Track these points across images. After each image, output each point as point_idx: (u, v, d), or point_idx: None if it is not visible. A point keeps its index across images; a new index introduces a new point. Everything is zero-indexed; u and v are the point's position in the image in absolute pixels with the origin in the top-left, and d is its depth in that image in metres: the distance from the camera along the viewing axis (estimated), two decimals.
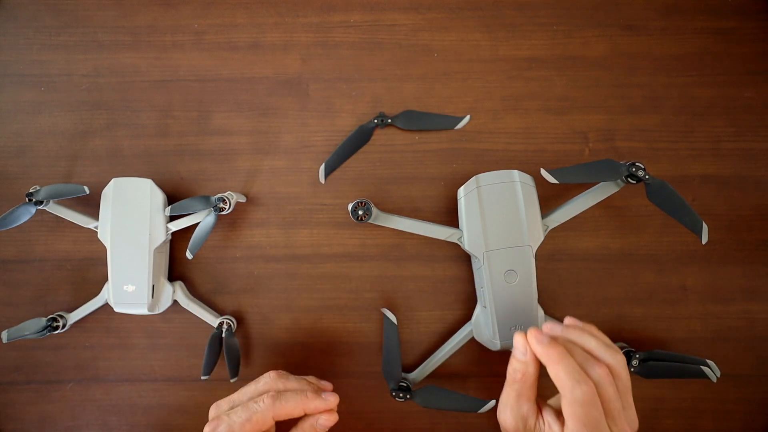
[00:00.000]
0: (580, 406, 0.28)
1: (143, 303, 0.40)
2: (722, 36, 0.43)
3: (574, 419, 0.28)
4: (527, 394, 0.32)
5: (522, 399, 0.32)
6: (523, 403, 0.32)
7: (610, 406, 0.29)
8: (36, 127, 0.44)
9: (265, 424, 0.32)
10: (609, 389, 0.29)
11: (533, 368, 0.31)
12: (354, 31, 0.44)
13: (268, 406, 0.32)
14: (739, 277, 0.43)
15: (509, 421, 0.32)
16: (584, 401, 0.28)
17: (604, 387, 0.29)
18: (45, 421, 0.44)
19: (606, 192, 0.39)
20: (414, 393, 0.39)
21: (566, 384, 0.29)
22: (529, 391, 0.32)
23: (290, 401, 0.33)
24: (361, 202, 0.39)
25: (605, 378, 0.29)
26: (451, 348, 0.41)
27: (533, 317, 0.38)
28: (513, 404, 0.32)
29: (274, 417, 0.32)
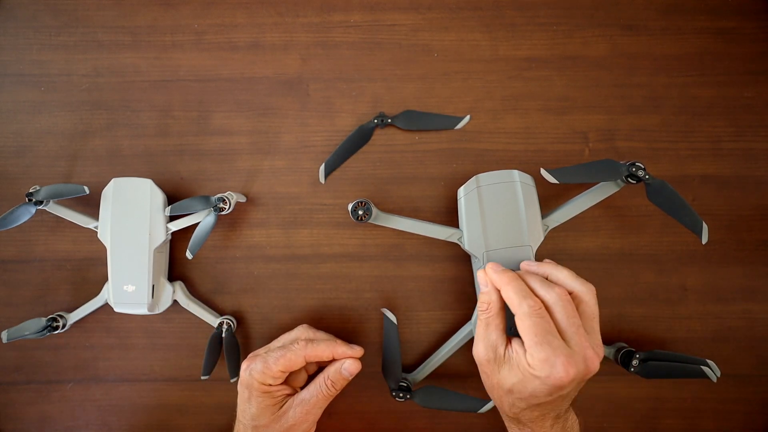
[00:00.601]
0: (528, 317, 0.31)
1: (143, 303, 0.40)
2: (722, 36, 0.43)
3: (525, 332, 0.31)
4: (494, 323, 0.34)
5: (490, 328, 0.34)
6: (492, 331, 0.34)
7: (562, 324, 0.31)
8: (36, 127, 0.44)
9: (297, 363, 0.35)
10: (562, 309, 0.32)
11: (496, 297, 0.34)
12: (354, 31, 0.44)
13: (302, 347, 0.35)
14: (739, 277, 0.43)
15: (481, 352, 0.34)
16: (531, 313, 0.31)
17: (556, 306, 0.32)
18: (45, 421, 0.44)
19: (606, 192, 0.39)
20: (414, 393, 0.39)
21: (514, 301, 0.32)
22: (496, 319, 0.34)
23: (321, 345, 0.36)
24: (361, 202, 0.39)
25: (558, 298, 0.32)
26: (451, 348, 0.41)
27: None
28: (483, 334, 0.34)
29: (306, 357, 0.35)
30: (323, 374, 0.36)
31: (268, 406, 0.35)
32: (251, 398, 0.35)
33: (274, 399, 0.35)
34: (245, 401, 0.36)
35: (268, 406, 0.35)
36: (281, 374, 0.35)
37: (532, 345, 0.31)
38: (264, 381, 0.35)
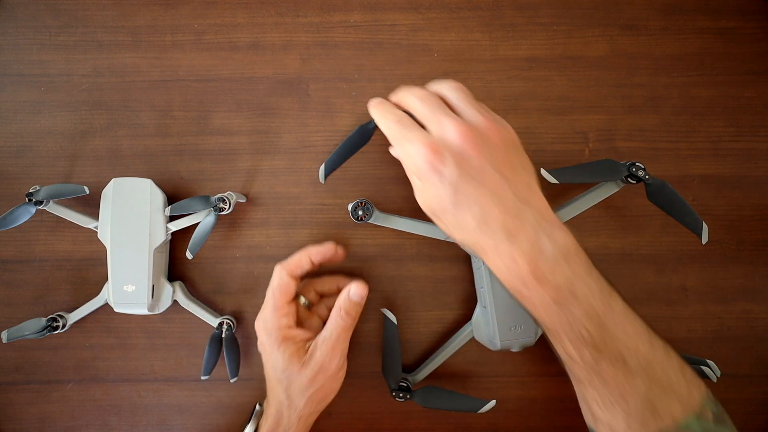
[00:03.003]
0: (386, 128, 0.33)
1: (143, 303, 0.40)
2: (722, 36, 0.43)
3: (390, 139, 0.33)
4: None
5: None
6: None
7: (421, 117, 0.32)
8: (36, 127, 0.44)
9: (287, 284, 0.36)
10: (418, 103, 0.32)
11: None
12: (354, 31, 0.44)
13: (279, 269, 0.36)
14: (739, 277, 0.43)
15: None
16: (388, 125, 0.33)
17: (413, 103, 0.32)
18: (45, 421, 0.44)
19: (606, 192, 0.39)
20: (414, 393, 0.39)
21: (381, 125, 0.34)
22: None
23: (294, 256, 0.37)
24: (361, 202, 0.39)
25: (413, 95, 0.32)
26: (452, 348, 0.41)
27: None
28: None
29: (288, 272, 0.36)
30: (335, 307, 0.37)
31: (293, 353, 0.35)
32: (274, 351, 0.35)
33: (297, 345, 0.35)
34: (271, 356, 0.35)
35: (294, 353, 0.35)
36: (287, 305, 0.36)
37: (394, 151, 0.32)
38: (279, 324, 0.35)
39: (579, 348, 0.29)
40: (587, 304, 0.29)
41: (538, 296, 0.29)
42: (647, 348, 0.30)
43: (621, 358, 0.29)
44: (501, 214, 0.29)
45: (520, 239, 0.28)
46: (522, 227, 0.29)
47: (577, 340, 0.29)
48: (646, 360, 0.29)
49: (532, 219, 0.29)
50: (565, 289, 0.28)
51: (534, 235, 0.29)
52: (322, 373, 0.35)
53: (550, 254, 0.28)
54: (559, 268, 0.29)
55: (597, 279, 0.30)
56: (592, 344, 0.29)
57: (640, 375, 0.29)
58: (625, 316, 0.30)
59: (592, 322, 0.29)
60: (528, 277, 0.28)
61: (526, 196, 0.30)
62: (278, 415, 0.36)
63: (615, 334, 0.29)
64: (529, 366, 0.43)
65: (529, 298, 0.30)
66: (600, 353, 0.29)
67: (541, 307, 0.29)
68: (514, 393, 0.43)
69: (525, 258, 0.28)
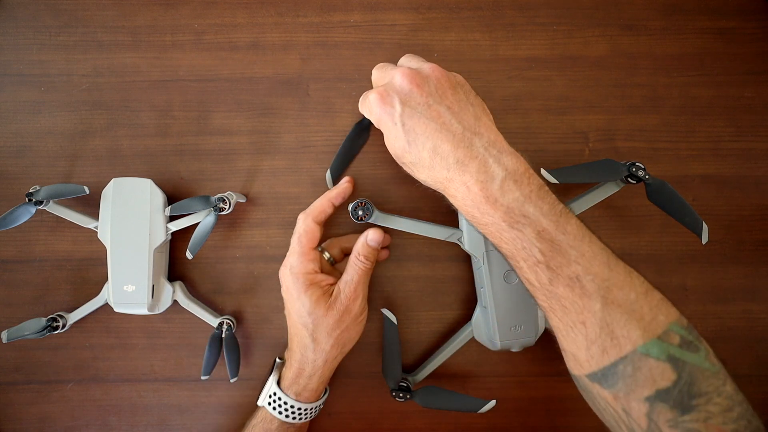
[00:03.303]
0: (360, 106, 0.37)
1: (143, 303, 0.40)
2: (722, 36, 0.43)
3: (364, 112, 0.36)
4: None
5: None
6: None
7: (376, 80, 0.37)
8: (36, 127, 0.44)
9: (312, 230, 0.38)
10: (374, 72, 0.37)
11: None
12: (354, 31, 0.44)
13: (303, 217, 0.38)
14: (739, 277, 0.43)
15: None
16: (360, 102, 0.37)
17: (372, 76, 0.37)
18: (45, 421, 0.44)
19: (606, 192, 0.39)
20: (414, 393, 0.39)
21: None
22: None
23: (315, 203, 0.39)
24: (361, 202, 0.39)
25: (373, 72, 0.37)
26: (452, 348, 0.41)
27: (533, 317, 0.38)
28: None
29: (314, 219, 0.38)
30: (353, 252, 0.38)
31: (320, 297, 0.37)
32: (301, 295, 0.36)
33: (322, 289, 0.37)
34: (297, 301, 0.37)
35: (320, 296, 0.37)
36: (312, 251, 0.38)
37: (364, 111, 0.36)
38: (306, 269, 0.37)
39: (534, 270, 0.30)
40: (538, 225, 0.29)
41: (492, 220, 0.30)
42: (604, 269, 0.29)
43: (576, 278, 0.28)
44: (450, 145, 0.30)
45: (470, 167, 0.30)
46: (471, 155, 0.30)
47: (531, 262, 0.29)
48: (603, 281, 0.28)
49: (481, 147, 0.31)
50: (516, 211, 0.29)
51: (483, 161, 0.30)
52: (347, 314, 0.37)
53: (500, 178, 0.30)
54: (509, 191, 0.30)
55: (549, 201, 0.30)
56: (546, 265, 0.29)
57: (596, 297, 0.28)
58: (581, 237, 0.29)
59: (544, 242, 0.29)
60: (481, 201, 0.30)
61: (473, 126, 0.31)
62: (303, 360, 0.38)
63: (569, 255, 0.29)
64: (529, 366, 0.43)
65: (485, 224, 0.31)
66: (555, 274, 0.29)
67: (497, 232, 0.30)
68: (514, 393, 0.43)
69: (477, 184, 0.30)
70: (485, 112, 0.33)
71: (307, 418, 0.39)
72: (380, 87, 0.33)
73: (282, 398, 0.38)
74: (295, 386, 0.38)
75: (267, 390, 0.39)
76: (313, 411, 0.39)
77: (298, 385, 0.38)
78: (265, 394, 0.39)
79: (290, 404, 0.37)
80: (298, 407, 0.38)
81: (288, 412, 0.38)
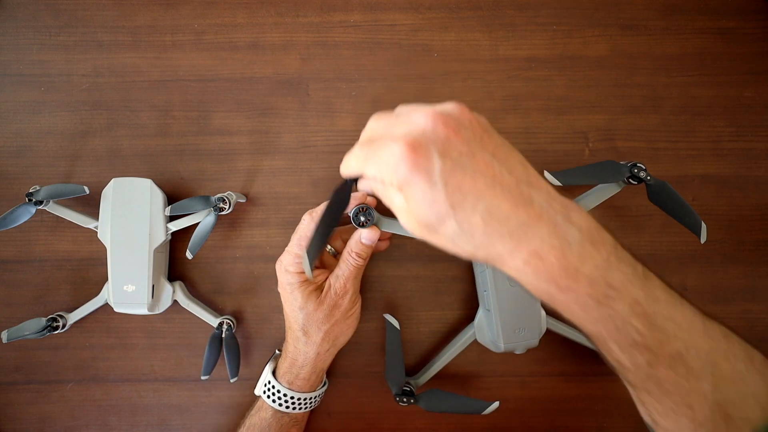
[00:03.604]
0: (344, 163, 0.28)
1: (143, 303, 0.40)
2: (722, 36, 0.43)
3: (352, 167, 0.27)
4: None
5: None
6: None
7: (381, 129, 0.27)
8: (36, 127, 0.44)
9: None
10: (370, 124, 0.27)
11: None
12: (354, 31, 0.44)
13: (309, 221, 0.37)
14: (739, 277, 0.43)
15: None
16: (344, 160, 0.28)
17: (366, 131, 0.28)
18: (45, 421, 0.44)
19: (607, 193, 0.38)
20: (418, 397, 0.39)
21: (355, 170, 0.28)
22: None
23: (322, 206, 0.37)
24: (363, 208, 0.38)
25: (365, 130, 0.28)
26: (454, 351, 0.40)
27: (537, 319, 0.38)
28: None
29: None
30: (347, 248, 0.37)
31: (311, 292, 0.37)
32: (294, 291, 0.37)
33: (315, 284, 0.37)
34: (290, 295, 0.37)
35: (312, 291, 0.37)
36: None
37: (366, 183, 0.27)
38: (299, 269, 0.37)
39: (631, 353, 0.25)
40: (628, 296, 0.24)
41: (575, 296, 0.24)
42: (704, 339, 0.25)
43: (680, 358, 0.24)
44: (509, 203, 0.24)
45: (538, 230, 0.24)
46: (536, 214, 0.24)
47: (627, 344, 0.25)
48: (708, 355, 0.24)
49: (543, 202, 0.24)
50: (601, 282, 0.24)
51: (551, 221, 0.24)
52: (336, 309, 0.37)
53: (577, 241, 0.24)
54: (589, 256, 0.24)
55: (630, 262, 0.25)
56: (644, 346, 0.24)
57: (704, 377, 0.24)
58: (671, 302, 0.25)
59: (639, 319, 0.24)
60: (559, 274, 0.24)
61: (525, 176, 0.25)
62: (295, 352, 0.38)
63: (667, 330, 0.24)
64: (530, 366, 0.43)
65: (564, 302, 0.25)
66: (655, 356, 0.24)
67: (581, 310, 0.25)
68: (514, 393, 0.43)
69: (552, 252, 0.23)
70: (524, 158, 0.27)
71: (301, 409, 0.39)
72: (405, 137, 0.24)
73: (276, 386, 0.38)
74: (288, 375, 0.38)
75: (263, 379, 0.40)
76: (308, 402, 0.39)
77: (291, 374, 0.38)
78: (261, 382, 0.40)
79: (283, 392, 0.38)
80: (291, 395, 0.38)
81: (281, 401, 0.38)
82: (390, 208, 0.27)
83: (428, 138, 0.24)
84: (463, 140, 0.24)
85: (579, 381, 0.43)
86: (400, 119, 0.26)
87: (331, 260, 0.40)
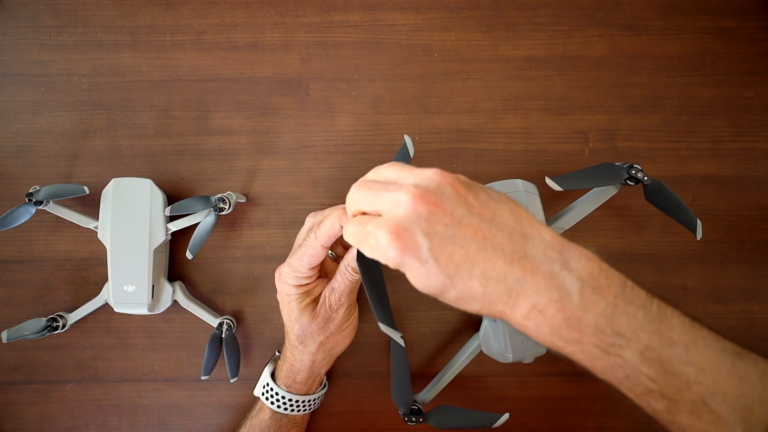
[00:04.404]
0: (350, 236, 0.28)
1: (143, 303, 0.40)
2: (722, 36, 0.43)
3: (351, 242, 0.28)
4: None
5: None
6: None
7: (366, 207, 0.27)
8: (36, 127, 0.44)
9: (319, 255, 0.34)
10: (353, 197, 0.27)
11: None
12: (354, 31, 0.44)
13: (314, 239, 0.34)
14: (739, 277, 0.43)
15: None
16: (346, 231, 0.28)
17: (349, 202, 0.28)
18: (45, 421, 0.44)
19: (605, 195, 0.38)
20: (427, 415, 0.38)
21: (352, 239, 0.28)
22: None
23: (325, 223, 0.33)
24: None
25: (348, 196, 0.28)
26: (460, 365, 0.40)
27: None
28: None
29: (322, 245, 0.34)
30: (343, 262, 0.36)
31: (307, 305, 0.36)
32: (291, 303, 0.36)
33: (313, 296, 0.37)
34: (286, 306, 0.37)
35: (308, 305, 0.36)
36: (311, 271, 0.36)
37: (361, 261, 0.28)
38: (299, 283, 0.36)
39: (645, 401, 0.24)
40: (638, 343, 0.23)
41: (579, 348, 0.24)
42: (734, 381, 0.23)
43: (703, 404, 0.23)
44: (503, 261, 0.24)
45: (536, 283, 0.24)
46: (532, 268, 0.24)
47: (640, 393, 0.24)
48: (738, 399, 0.23)
49: (539, 253, 0.24)
50: (607, 330, 0.23)
51: (548, 273, 0.24)
52: (331, 322, 0.37)
53: (576, 290, 0.23)
54: (592, 304, 0.23)
55: (641, 303, 0.24)
56: (660, 394, 0.23)
57: (734, 423, 0.23)
58: (692, 343, 0.24)
59: (652, 366, 0.23)
60: (561, 326, 0.24)
61: (517, 227, 0.25)
62: (292, 358, 0.38)
63: (686, 375, 0.23)
64: (529, 366, 0.43)
65: (572, 352, 0.25)
66: (674, 403, 0.23)
67: (587, 360, 0.24)
68: (514, 393, 0.43)
69: (551, 305, 0.23)
70: (516, 203, 0.26)
71: (300, 411, 0.39)
72: (390, 224, 0.24)
73: (274, 388, 0.38)
74: (287, 378, 0.38)
75: (261, 380, 0.40)
76: (306, 404, 0.39)
77: (289, 378, 0.38)
78: (260, 384, 0.40)
79: (281, 394, 0.38)
80: (289, 398, 0.38)
81: (279, 403, 0.38)
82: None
83: (410, 220, 0.24)
84: (447, 212, 0.24)
85: (579, 381, 0.43)
86: (381, 199, 0.26)
87: (332, 266, 0.40)
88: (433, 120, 0.44)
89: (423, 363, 0.43)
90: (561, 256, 0.24)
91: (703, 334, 0.24)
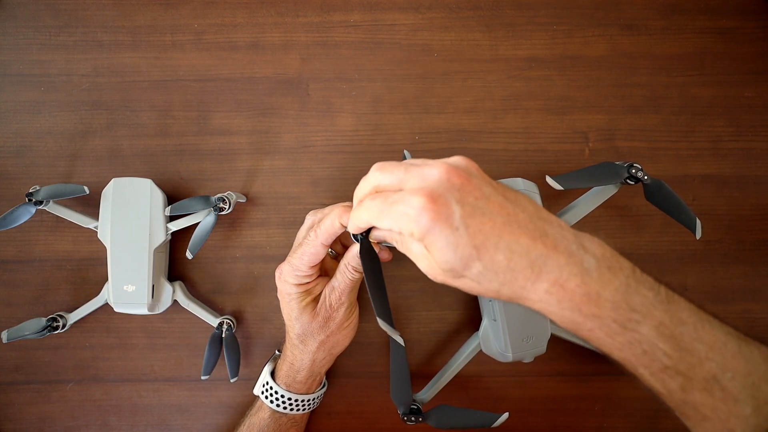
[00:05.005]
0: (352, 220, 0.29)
1: (143, 303, 0.40)
2: (722, 36, 0.43)
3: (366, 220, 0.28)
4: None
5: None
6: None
7: (390, 183, 0.27)
8: (36, 127, 0.44)
9: (319, 254, 0.35)
10: (376, 176, 0.28)
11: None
12: (354, 31, 0.44)
13: (314, 237, 0.34)
14: (739, 277, 0.43)
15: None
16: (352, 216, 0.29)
17: (370, 180, 0.28)
18: (45, 421, 0.44)
19: (605, 194, 0.38)
20: (426, 415, 0.38)
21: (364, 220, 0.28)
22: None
23: (325, 221, 0.34)
24: None
25: (367, 178, 0.28)
26: (459, 364, 0.40)
27: (544, 326, 0.37)
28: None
29: (322, 243, 0.34)
30: (343, 261, 0.36)
31: (308, 304, 0.37)
32: (291, 302, 0.37)
33: (314, 294, 0.37)
34: (287, 305, 0.37)
35: (308, 303, 0.37)
36: (311, 269, 0.36)
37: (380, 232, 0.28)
38: (299, 282, 0.36)
39: (662, 379, 0.25)
40: (654, 319, 0.24)
41: (599, 322, 0.25)
42: (740, 361, 0.24)
43: (715, 381, 0.24)
44: (527, 238, 0.25)
45: (558, 260, 0.25)
46: (553, 245, 0.25)
47: (657, 369, 0.25)
48: (746, 377, 0.24)
49: (556, 234, 0.26)
50: (623, 305, 0.24)
51: (567, 250, 0.25)
52: (331, 321, 0.37)
53: (594, 268, 0.25)
54: (608, 281, 0.25)
55: (650, 285, 0.25)
56: (675, 370, 0.24)
57: (744, 399, 0.24)
58: (700, 324, 0.25)
59: (667, 342, 0.24)
60: (582, 300, 0.24)
61: (536, 212, 0.26)
62: (292, 357, 0.38)
63: (697, 352, 0.24)
64: (529, 366, 0.43)
65: (590, 329, 0.25)
66: (688, 380, 0.24)
67: (607, 336, 0.25)
68: (514, 393, 0.43)
69: (572, 279, 0.24)
70: (530, 197, 0.29)
71: (299, 410, 0.39)
72: (423, 189, 0.25)
73: (273, 387, 0.38)
74: (287, 377, 0.38)
75: (261, 379, 0.40)
76: (306, 403, 0.39)
77: (289, 377, 0.38)
78: (260, 383, 0.40)
79: (281, 393, 0.38)
80: (288, 397, 0.38)
81: (279, 402, 0.38)
82: (407, 255, 0.28)
83: (445, 188, 0.25)
84: (476, 186, 0.26)
85: (579, 381, 0.43)
86: (411, 173, 0.26)
87: (332, 264, 0.40)
88: (433, 120, 0.44)
89: (422, 363, 0.43)
90: (576, 238, 0.26)
91: (708, 318, 0.25)
